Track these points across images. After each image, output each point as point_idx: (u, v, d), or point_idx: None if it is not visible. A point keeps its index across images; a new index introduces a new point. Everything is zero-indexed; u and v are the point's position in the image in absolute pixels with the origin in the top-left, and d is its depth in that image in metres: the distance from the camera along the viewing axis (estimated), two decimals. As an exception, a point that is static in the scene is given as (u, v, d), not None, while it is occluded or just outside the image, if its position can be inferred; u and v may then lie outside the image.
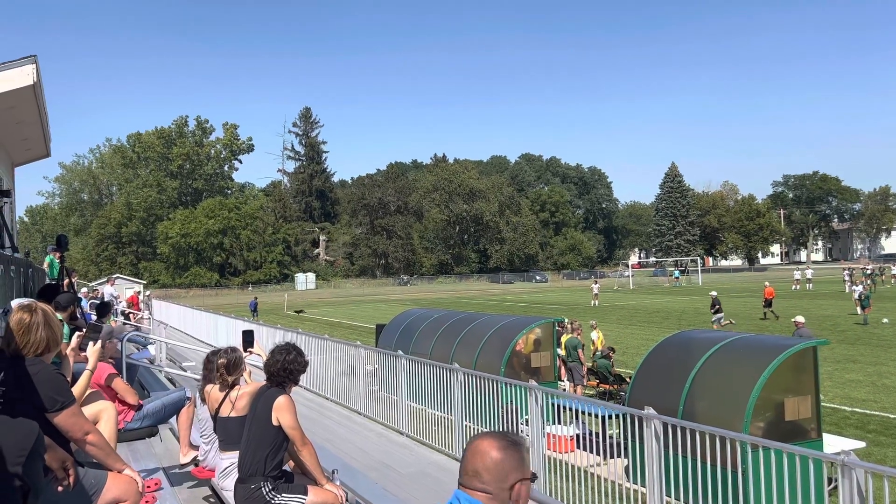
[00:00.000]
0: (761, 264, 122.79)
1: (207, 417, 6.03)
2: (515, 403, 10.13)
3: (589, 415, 10.79)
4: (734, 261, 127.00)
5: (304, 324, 35.91)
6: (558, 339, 16.71)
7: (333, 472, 5.31)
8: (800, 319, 17.82)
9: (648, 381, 11.13)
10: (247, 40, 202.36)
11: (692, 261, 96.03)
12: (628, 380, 14.70)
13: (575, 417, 10.98)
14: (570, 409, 11.23)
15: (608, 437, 9.01)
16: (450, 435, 10.46)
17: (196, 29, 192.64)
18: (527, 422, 9.23)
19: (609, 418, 10.19)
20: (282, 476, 4.85)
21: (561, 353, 17.02)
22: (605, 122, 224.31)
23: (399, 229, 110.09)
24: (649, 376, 11.20)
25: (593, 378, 17.44)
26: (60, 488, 3.20)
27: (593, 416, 10.72)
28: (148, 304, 37.40)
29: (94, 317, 11.31)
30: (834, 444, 10.10)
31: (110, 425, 5.09)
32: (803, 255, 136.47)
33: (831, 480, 7.63)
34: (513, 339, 14.95)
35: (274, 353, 4.97)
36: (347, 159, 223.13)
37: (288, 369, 4.88)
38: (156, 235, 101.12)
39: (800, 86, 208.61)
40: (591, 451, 9.97)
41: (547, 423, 9.35)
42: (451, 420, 10.54)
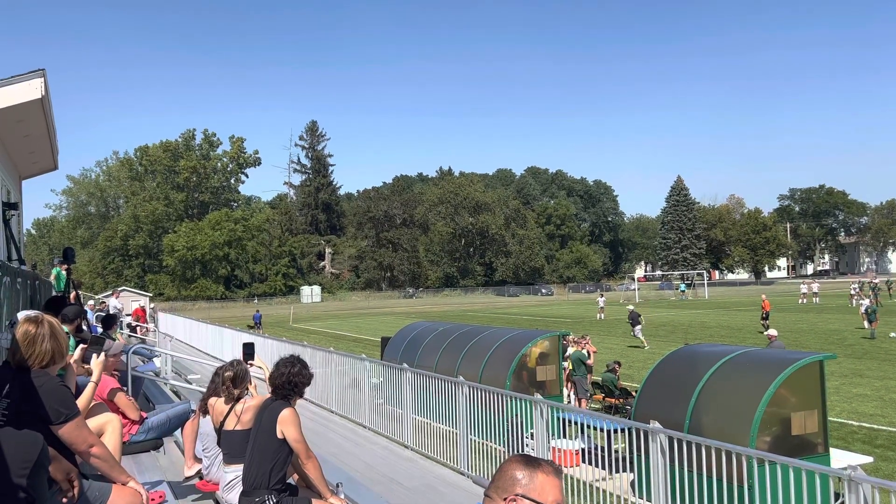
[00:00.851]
0: (768, 278, 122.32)
1: (209, 431, 6.02)
2: (521, 417, 10.10)
3: (595, 429, 10.75)
4: (740, 274, 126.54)
5: (310, 336, 35.90)
6: (564, 353, 16.68)
7: (338, 486, 5.30)
8: (773, 333, 18.23)
9: (654, 394, 11.10)
10: (254, 54, 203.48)
11: (698, 274, 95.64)
12: (634, 394, 14.65)
13: (580, 431, 10.94)
14: (576, 423, 11.19)
15: (614, 451, 8.97)
16: (455, 449, 10.42)
17: (203, 42, 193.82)
18: (532, 435, 9.20)
19: (615, 432, 10.15)
20: (286, 489, 4.85)
21: (566, 366, 16.98)
22: (611, 135, 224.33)
23: (405, 242, 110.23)
24: (655, 390, 11.17)
25: (599, 392, 17.39)
26: (65, 500, 3.21)
27: (599, 430, 10.68)
28: (153, 317, 37.49)
29: (100, 329, 11.34)
30: (841, 458, 10.04)
31: (115, 437, 5.07)
32: (810, 268, 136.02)
33: (838, 496, 7.57)
34: (518, 352, 14.92)
35: (279, 365, 4.98)
36: (353, 172, 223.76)
37: (293, 382, 4.89)
38: (162, 248, 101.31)
39: (806, 99, 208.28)
40: (597, 466, 9.92)
41: (552, 437, 9.32)
42: (456, 434, 10.51)
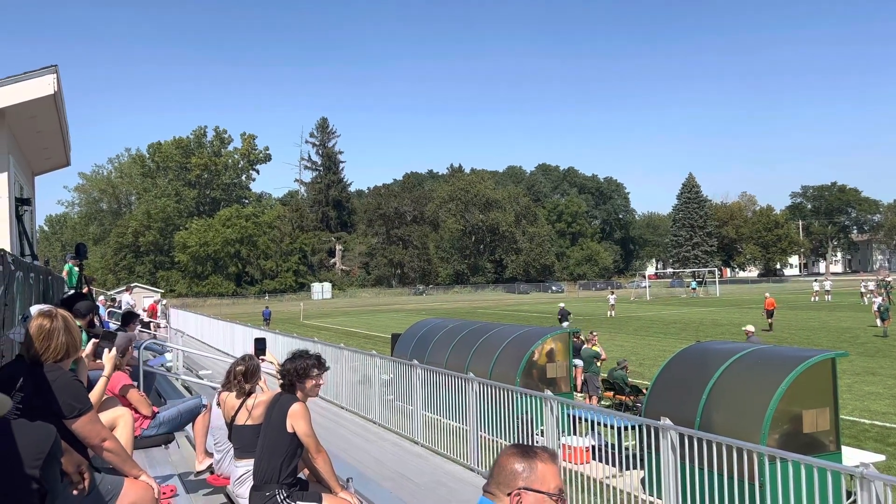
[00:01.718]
0: (780, 276, 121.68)
1: (220, 426, 6.05)
2: (531, 414, 10.09)
3: (605, 426, 10.73)
4: (752, 272, 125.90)
5: (321, 333, 36.01)
6: (575, 350, 16.65)
7: (348, 481, 5.31)
8: (750, 329, 18.30)
9: (665, 392, 11.07)
10: (265, 51, 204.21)
11: (710, 272, 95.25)
12: (644, 391, 14.62)
13: (591, 428, 10.93)
14: (586, 420, 11.18)
15: (624, 448, 8.95)
16: (465, 445, 10.42)
17: (215, 40, 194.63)
18: (542, 432, 9.20)
19: (625, 429, 10.13)
20: (296, 483, 4.86)
21: (577, 363, 16.97)
22: (622, 132, 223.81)
23: (415, 239, 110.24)
24: (666, 387, 11.14)
25: (609, 389, 17.36)
26: (76, 492, 3.23)
27: (609, 427, 10.67)
28: (165, 313, 37.68)
29: (112, 325, 11.40)
30: (853, 456, 9.99)
31: (127, 431, 5.11)
32: (822, 266, 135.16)
33: (850, 494, 7.53)
34: (528, 349, 14.91)
35: (291, 359, 5.01)
36: (364, 169, 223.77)
37: (293, 371, 4.92)
38: (173, 245, 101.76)
39: (818, 96, 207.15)
40: (607, 463, 9.92)
41: (563, 433, 9.31)
42: (466, 430, 10.51)
